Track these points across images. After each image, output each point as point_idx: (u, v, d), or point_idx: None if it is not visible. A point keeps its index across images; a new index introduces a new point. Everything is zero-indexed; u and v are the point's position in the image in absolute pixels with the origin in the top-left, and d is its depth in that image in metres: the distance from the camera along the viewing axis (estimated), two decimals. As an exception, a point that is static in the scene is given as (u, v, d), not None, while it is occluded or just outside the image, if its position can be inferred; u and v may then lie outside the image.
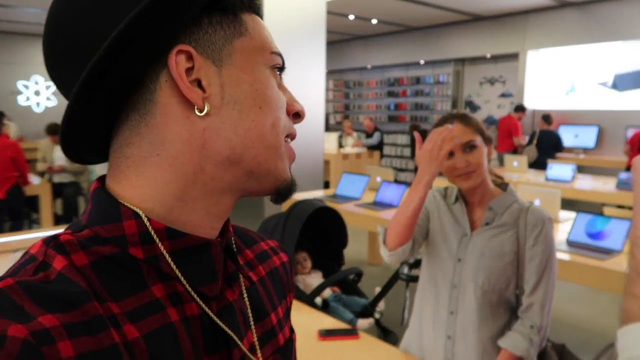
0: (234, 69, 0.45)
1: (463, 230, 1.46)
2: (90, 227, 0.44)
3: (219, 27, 0.45)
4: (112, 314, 0.40)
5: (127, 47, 0.40)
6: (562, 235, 2.81)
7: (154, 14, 0.40)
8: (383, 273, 4.31)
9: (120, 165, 0.46)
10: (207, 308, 0.46)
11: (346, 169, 5.98)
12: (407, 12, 8.01)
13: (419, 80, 9.86)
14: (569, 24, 7.44)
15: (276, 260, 0.61)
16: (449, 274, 1.47)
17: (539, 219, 1.40)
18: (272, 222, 2.61)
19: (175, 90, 0.43)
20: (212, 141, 0.44)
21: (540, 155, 6.69)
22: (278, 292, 0.59)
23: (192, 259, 0.45)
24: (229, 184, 0.47)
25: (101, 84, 0.41)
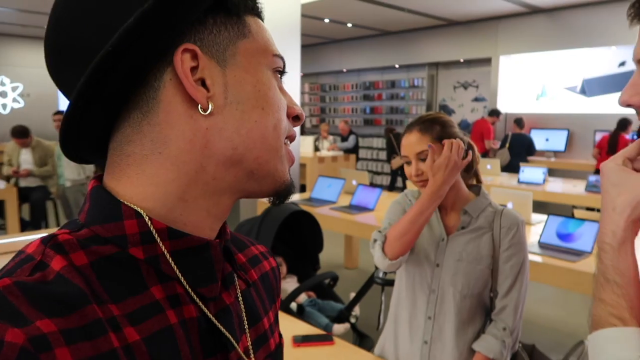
0: (237, 70, 0.46)
1: (439, 234, 1.46)
2: (89, 226, 0.43)
3: (224, 28, 0.46)
4: (112, 316, 0.40)
5: (134, 43, 0.40)
6: (534, 238, 2.85)
7: (162, 11, 0.40)
8: (359, 277, 4.31)
9: (120, 163, 0.45)
10: (206, 310, 0.46)
11: (322, 173, 5.97)
12: (382, 17, 8.07)
13: (394, 84, 9.94)
14: (539, 30, 7.61)
15: (267, 264, 0.62)
16: (427, 279, 1.46)
17: (513, 222, 1.41)
18: (247, 227, 2.57)
19: (179, 88, 0.43)
20: (214, 141, 0.45)
21: (513, 159, 6.83)
22: (269, 296, 0.59)
23: (192, 260, 0.45)
24: (229, 184, 0.47)
25: (106, 80, 0.41)
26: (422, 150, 1.38)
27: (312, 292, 2.61)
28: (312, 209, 3.70)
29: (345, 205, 3.87)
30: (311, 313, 2.44)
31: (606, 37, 6.90)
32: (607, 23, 6.81)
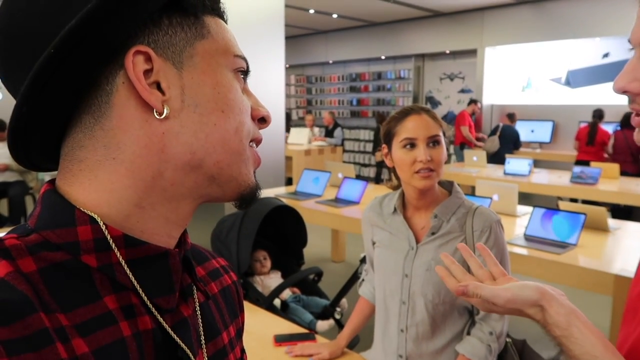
0: (195, 72, 0.44)
1: (408, 243, 1.37)
2: (39, 231, 0.42)
3: (180, 29, 0.44)
4: (61, 326, 0.37)
5: (78, 45, 0.38)
6: (520, 230, 2.84)
7: (107, 12, 0.39)
8: (347, 270, 4.28)
9: (72, 169, 0.44)
10: (163, 321, 0.44)
11: (309, 165, 5.92)
12: (367, 7, 8.00)
13: (381, 76, 9.90)
14: (524, 21, 7.62)
15: (227, 278, 0.60)
16: (397, 290, 1.38)
17: (486, 223, 1.32)
18: (229, 222, 2.52)
19: (132, 92, 0.42)
20: (171, 145, 0.43)
21: (501, 149, 6.86)
22: (230, 311, 0.57)
23: (149, 269, 0.44)
24: (189, 189, 0.45)
25: (51, 83, 0.39)
26: (435, 134, 1.30)
27: (297, 288, 2.57)
28: (298, 203, 3.65)
29: (331, 199, 3.83)
30: (295, 309, 2.40)
31: (590, 29, 6.92)
32: (591, 14, 6.83)
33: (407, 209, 1.41)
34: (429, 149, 1.29)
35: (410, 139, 1.30)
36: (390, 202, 1.44)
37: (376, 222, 1.46)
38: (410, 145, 1.30)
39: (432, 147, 1.30)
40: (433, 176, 1.30)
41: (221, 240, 2.48)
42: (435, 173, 1.30)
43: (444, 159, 1.32)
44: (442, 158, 1.31)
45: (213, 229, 2.62)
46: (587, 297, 3.69)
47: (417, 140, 1.30)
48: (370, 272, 1.58)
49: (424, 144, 1.29)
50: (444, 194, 1.39)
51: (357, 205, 3.68)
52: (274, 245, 2.70)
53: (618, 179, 5.13)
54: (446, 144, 1.34)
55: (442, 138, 1.32)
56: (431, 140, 1.30)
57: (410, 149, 1.30)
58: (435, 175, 1.30)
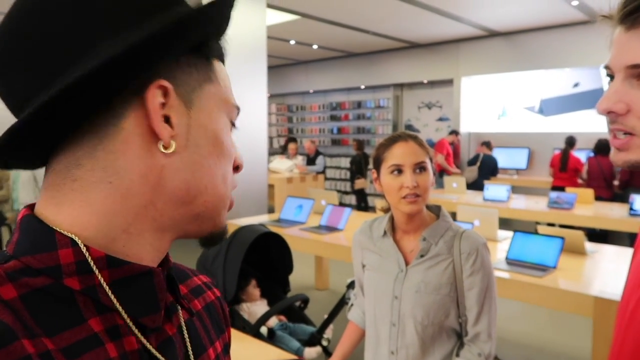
0: (201, 113, 0.45)
1: (397, 265, 1.40)
2: (19, 257, 0.41)
3: (194, 69, 0.45)
4: (47, 350, 0.37)
5: (111, 75, 0.39)
6: (502, 254, 2.89)
7: (143, 50, 0.40)
8: (330, 298, 4.27)
9: (64, 187, 0.42)
10: (147, 342, 0.44)
11: (291, 193, 5.94)
12: (346, 39, 8.20)
13: (360, 105, 10.08)
14: (498, 52, 7.90)
15: (211, 294, 0.59)
16: (387, 313, 1.40)
17: (473, 246, 1.35)
18: (214, 249, 2.51)
19: (143, 121, 0.42)
20: (168, 179, 0.44)
21: (480, 177, 7.04)
22: (215, 327, 0.57)
23: (133, 289, 0.43)
24: (175, 223, 0.46)
25: (66, 106, 0.39)
26: (421, 160, 1.34)
27: (283, 316, 2.56)
28: (281, 230, 3.65)
29: (314, 226, 3.85)
30: (282, 337, 2.38)
31: (560, 60, 7.22)
32: (561, 46, 7.14)
33: (396, 232, 1.44)
34: (415, 175, 1.33)
35: (397, 165, 1.34)
36: (380, 226, 1.47)
37: (366, 245, 1.49)
38: (398, 172, 1.34)
39: (419, 173, 1.34)
40: (419, 201, 1.34)
41: (207, 268, 2.47)
42: (421, 198, 1.34)
43: (431, 184, 1.36)
44: (428, 183, 1.35)
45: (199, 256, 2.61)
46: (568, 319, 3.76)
47: (403, 166, 1.34)
48: (359, 296, 1.60)
49: (411, 170, 1.33)
50: (432, 218, 1.43)
51: (341, 232, 3.70)
52: (259, 272, 2.70)
53: (593, 204, 5.28)
54: (433, 170, 1.39)
55: (428, 164, 1.36)
56: (417, 166, 1.34)
57: (397, 175, 1.34)
58: (421, 200, 1.34)
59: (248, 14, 4.81)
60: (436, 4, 6.12)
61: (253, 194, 5.02)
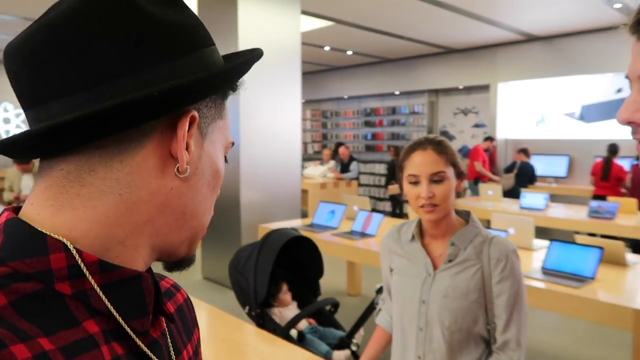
0: (211, 146, 0.48)
1: (425, 269, 1.39)
2: (6, 262, 0.40)
3: (213, 105, 0.49)
4: (43, 351, 0.37)
5: (156, 104, 0.42)
6: (537, 264, 2.82)
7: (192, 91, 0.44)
8: (362, 303, 4.26)
9: (69, 191, 0.42)
10: (142, 344, 0.45)
11: (324, 198, 5.97)
12: (381, 45, 8.20)
13: (395, 111, 10.04)
14: (536, 58, 7.72)
15: (180, 297, 0.60)
16: (414, 317, 1.40)
17: (503, 252, 1.33)
18: (246, 253, 2.56)
19: (165, 142, 0.44)
20: (173, 201, 0.46)
21: (516, 185, 6.88)
22: (186, 329, 0.58)
23: (123, 293, 0.44)
24: (166, 244, 0.48)
25: (112, 117, 0.40)
26: (437, 171, 1.31)
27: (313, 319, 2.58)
28: (314, 235, 3.68)
29: (346, 231, 3.86)
30: (312, 341, 2.40)
31: (602, 64, 6.99)
32: (603, 50, 6.91)
33: (424, 236, 1.45)
34: (432, 185, 1.32)
35: (414, 176, 1.34)
36: (408, 230, 1.48)
37: (394, 248, 1.50)
38: (415, 182, 1.35)
39: (435, 184, 1.32)
40: (436, 210, 1.33)
41: (239, 270, 2.52)
42: (438, 207, 1.33)
43: (450, 193, 1.34)
44: (446, 193, 1.33)
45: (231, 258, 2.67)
46: (607, 332, 3.62)
47: (419, 177, 1.33)
48: (387, 300, 1.60)
49: (427, 181, 1.32)
50: (460, 223, 1.42)
51: (374, 237, 3.70)
52: (290, 275, 2.73)
53: (636, 214, 5.08)
54: (462, 175, 1.37)
55: (447, 173, 1.34)
56: (434, 177, 1.32)
57: (415, 185, 1.35)
58: (439, 210, 1.33)
59: (283, 20, 4.89)
60: (473, 9, 6.05)
61: (286, 198, 5.08)
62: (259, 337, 2.03)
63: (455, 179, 1.35)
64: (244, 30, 4.58)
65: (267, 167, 4.88)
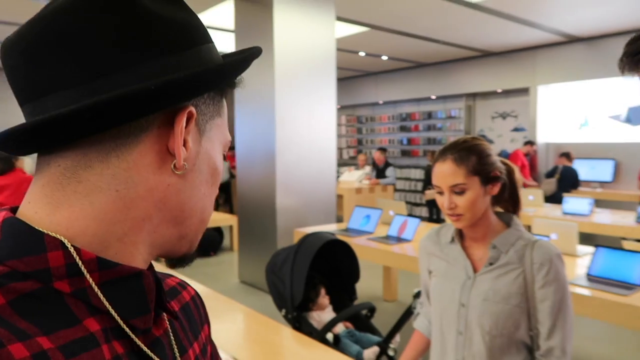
0: (208, 143, 0.48)
1: (465, 272, 1.37)
2: (3, 261, 0.39)
3: (212, 103, 0.48)
4: (42, 350, 0.36)
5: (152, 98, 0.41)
6: (582, 270, 2.72)
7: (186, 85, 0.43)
8: (398, 309, 4.21)
9: (66, 188, 0.42)
10: (140, 342, 0.44)
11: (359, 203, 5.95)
12: (416, 49, 8.14)
13: (431, 115, 9.92)
14: (578, 59, 7.48)
15: (186, 295, 0.60)
16: (454, 321, 1.38)
17: (546, 256, 1.29)
18: (282, 256, 2.58)
19: (162, 138, 0.44)
20: (170, 198, 0.45)
21: (558, 190, 6.67)
22: (192, 327, 0.57)
23: (123, 290, 0.43)
24: (165, 240, 0.47)
25: (110, 111, 0.40)
26: (456, 183, 1.30)
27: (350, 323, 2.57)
28: (349, 239, 3.67)
29: (382, 236, 3.83)
30: (346, 344, 2.39)
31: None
32: (652, 50, 6.62)
33: (464, 239, 1.42)
34: (454, 196, 1.31)
35: (437, 186, 1.34)
36: (447, 232, 1.46)
37: (433, 251, 1.48)
38: (439, 192, 1.35)
39: (457, 195, 1.31)
40: (462, 219, 1.32)
41: (275, 273, 2.54)
42: (464, 217, 1.32)
43: (473, 202, 1.30)
44: (469, 204, 1.30)
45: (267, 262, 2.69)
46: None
47: (441, 188, 1.33)
48: (425, 305, 1.58)
49: (448, 192, 1.32)
50: (502, 226, 1.39)
51: (410, 242, 3.66)
52: (326, 279, 2.73)
53: (689, 220, 4.83)
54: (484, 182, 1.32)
55: (467, 185, 1.30)
56: (454, 189, 1.31)
57: (440, 194, 1.34)
58: (464, 219, 1.32)
59: (318, 27, 4.92)
60: (511, 11, 5.93)
61: (321, 203, 5.09)
62: (295, 340, 2.03)
63: (482, 186, 1.31)
64: (280, 38, 4.64)
65: (303, 172, 4.91)
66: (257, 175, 4.97)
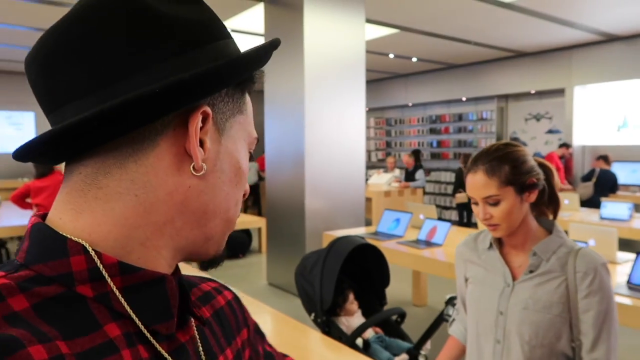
0: (230, 141, 0.47)
1: (504, 279, 1.33)
2: (30, 266, 0.40)
3: (230, 100, 0.47)
4: (59, 354, 0.36)
5: (169, 98, 0.41)
6: (622, 278, 2.62)
7: (195, 85, 0.42)
8: (428, 315, 4.15)
9: (87, 195, 0.42)
10: (161, 348, 0.44)
11: (388, 206, 5.89)
12: (447, 50, 8.03)
13: (462, 117, 9.77)
14: (617, 58, 7.24)
15: (221, 299, 0.59)
16: (491, 329, 1.34)
17: (591, 265, 1.24)
18: (312, 259, 2.57)
19: (178, 140, 0.43)
20: (191, 200, 0.45)
21: (595, 194, 6.45)
22: (226, 333, 0.56)
23: (146, 295, 0.43)
24: (189, 243, 0.47)
25: (124, 115, 0.40)
26: (489, 195, 1.27)
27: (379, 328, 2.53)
28: (379, 243, 3.63)
29: (412, 240, 3.78)
30: (376, 350, 2.36)
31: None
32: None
33: (503, 245, 1.39)
34: (488, 207, 1.28)
35: (471, 197, 1.32)
36: (485, 238, 1.42)
37: (470, 257, 1.44)
38: (475, 202, 1.32)
39: (491, 206, 1.28)
40: (499, 229, 1.30)
41: (304, 276, 2.53)
42: (500, 226, 1.29)
43: (509, 212, 1.27)
44: (504, 214, 1.27)
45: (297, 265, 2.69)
46: None
47: (475, 199, 1.31)
48: (461, 311, 1.54)
49: (482, 203, 1.29)
50: (543, 233, 1.34)
51: (441, 247, 3.59)
52: (356, 284, 2.71)
53: None
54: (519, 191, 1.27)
55: (501, 196, 1.27)
56: (487, 200, 1.28)
57: (475, 205, 1.32)
58: (501, 228, 1.29)
59: (348, 29, 4.91)
60: (545, 10, 5.78)
61: (350, 206, 5.06)
62: (324, 344, 2.02)
63: (517, 195, 1.27)
64: (310, 40, 4.64)
65: (331, 175, 4.89)
66: (286, 177, 4.98)
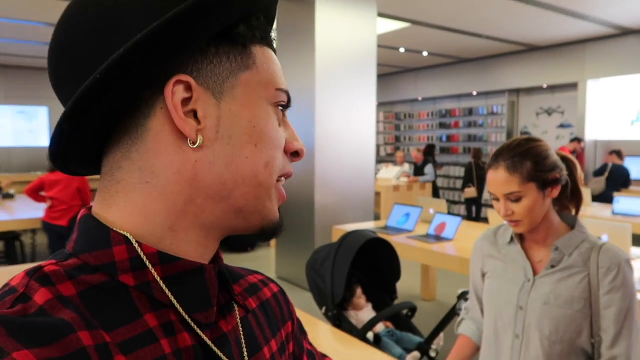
0: (234, 103, 0.44)
1: (524, 274, 1.32)
2: (77, 255, 0.42)
3: (225, 58, 0.43)
4: (104, 342, 0.38)
5: (123, 73, 0.39)
6: (636, 274, 2.59)
7: (154, 44, 0.39)
8: (437, 309, 4.15)
9: (110, 190, 0.44)
10: (205, 336, 0.44)
11: (397, 201, 5.88)
12: (458, 44, 7.96)
13: (472, 112, 9.70)
14: (631, 52, 7.14)
15: (267, 291, 0.58)
16: (510, 324, 1.33)
17: (614, 260, 1.23)
18: (323, 253, 2.57)
19: (169, 118, 0.42)
20: (203, 174, 0.43)
21: (607, 189, 6.39)
22: (271, 324, 0.56)
23: (186, 285, 0.43)
24: (217, 218, 0.45)
25: (94, 105, 0.40)
26: (510, 191, 1.26)
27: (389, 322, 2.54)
28: (388, 237, 3.62)
29: (422, 234, 3.76)
30: (387, 344, 2.36)
31: None
32: None
33: (525, 240, 1.37)
34: (509, 203, 1.27)
35: (492, 193, 1.31)
36: (506, 232, 1.41)
37: (489, 251, 1.43)
38: (495, 199, 1.31)
39: (513, 202, 1.27)
40: (520, 225, 1.28)
41: (315, 270, 2.54)
42: (522, 222, 1.28)
43: (531, 208, 1.26)
44: (526, 210, 1.26)
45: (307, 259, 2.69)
46: None
47: (496, 195, 1.30)
48: (473, 309, 1.53)
49: (503, 199, 1.28)
50: (565, 228, 1.33)
51: (451, 241, 3.58)
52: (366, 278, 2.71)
53: None
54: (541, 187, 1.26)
55: (522, 192, 1.26)
56: (509, 196, 1.27)
57: (496, 201, 1.31)
58: (522, 224, 1.28)
59: (359, 23, 4.88)
60: (558, 3, 5.71)
61: (359, 200, 5.06)
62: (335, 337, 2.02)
63: (539, 191, 1.26)
64: (321, 35, 4.63)
65: (341, 169, 4.89)
66: (296, 171, 4.94)
